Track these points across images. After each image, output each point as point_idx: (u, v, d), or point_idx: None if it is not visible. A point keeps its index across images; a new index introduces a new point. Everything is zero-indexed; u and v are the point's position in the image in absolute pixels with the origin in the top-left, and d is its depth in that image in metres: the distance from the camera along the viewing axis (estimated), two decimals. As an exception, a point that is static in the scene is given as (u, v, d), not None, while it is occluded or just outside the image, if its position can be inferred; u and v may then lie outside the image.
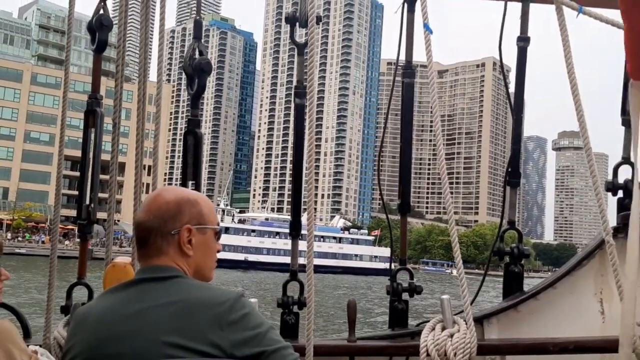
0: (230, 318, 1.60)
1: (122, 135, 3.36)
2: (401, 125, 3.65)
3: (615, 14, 2.95)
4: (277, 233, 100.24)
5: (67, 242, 73.72)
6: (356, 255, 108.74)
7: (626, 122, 3.50)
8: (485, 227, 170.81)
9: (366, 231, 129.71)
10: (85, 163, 3.45)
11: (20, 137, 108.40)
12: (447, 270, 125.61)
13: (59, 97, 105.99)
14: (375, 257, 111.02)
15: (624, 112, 3.55)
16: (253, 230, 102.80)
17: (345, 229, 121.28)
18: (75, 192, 3.59)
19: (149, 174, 3.53)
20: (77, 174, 3.50)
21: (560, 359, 3.22)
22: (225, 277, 59.67)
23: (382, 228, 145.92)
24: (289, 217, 3.64)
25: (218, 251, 1.87)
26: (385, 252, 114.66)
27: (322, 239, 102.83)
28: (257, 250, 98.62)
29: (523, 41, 3.56)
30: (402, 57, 3.58)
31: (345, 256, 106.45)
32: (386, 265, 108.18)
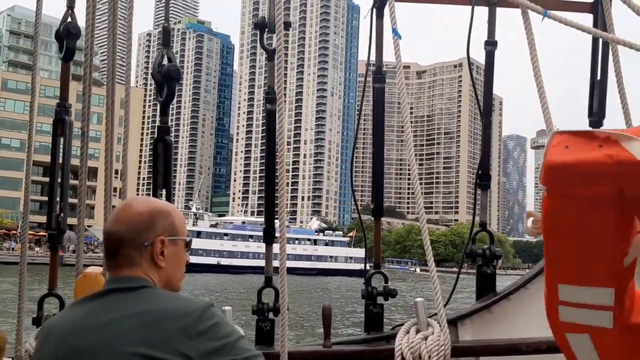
0: (198, 328, 1.59)
1: (94, 140, 3.33)
2: (373, 129, 3.66)
3: (578, 17, 3.00)
4: (251, 236, 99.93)
5: (37, 249, 72.70)
6: (331, 257, 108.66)
7: (593, 124, 3.55)
8: (464, 225, 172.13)
9: (341, 233, 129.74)
10: (55, 172, 3.41)
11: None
12: (410, 268, 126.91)
13: (29, 102, 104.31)
14: (351, 258, 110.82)
15: (591, 113, 3.61)
16: (225, 234, 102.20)
17: (320, 230, 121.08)
18: (47, 199, 3.54)
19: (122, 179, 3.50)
20: (45, 179, 3.46)
21: (534, 359, 3.25)
22: (193, 280, 58.95)
23: (357, 229, 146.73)
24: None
25: (187, 262, 1.85)
26: (361, 253, 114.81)
27: (296, 242, 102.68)
28: (231, 254, 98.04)
29: (490, 45, 3.60)
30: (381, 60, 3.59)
31: (320, 258, 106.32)
32: (362, 266, 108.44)
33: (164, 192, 3.20)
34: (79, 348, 1.61)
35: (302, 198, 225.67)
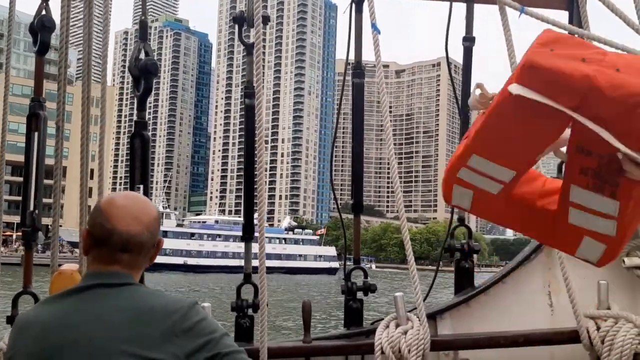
0: (184, 326, 1.59)
1: (64, 139, 3.27)
2: (352, 125, 3.66)
3: (555, 14, 3.03)
4: (218, 235, 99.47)
5: (2, 249, 71.54)
6: (300, 255, 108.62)
7: None
8: (439, 224, 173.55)
9: (311, 231, 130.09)
10: (29, 168, 3.34)
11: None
12: (366, 265, 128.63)
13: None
14: (320, 256, 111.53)
15: None
16: (192, 234, 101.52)
17: (290, 229, 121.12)
18: (16, 198, 3.48)
19: (91, 178, 3.45)
20: (18, 179, 3.40)
21: (511, 352, 3.29)
22: (159, 279, 58.36)
23: (326, 227, 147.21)
24: (239, 219, 3.62)
25: None
26: (330, 251, 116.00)
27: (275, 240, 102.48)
28: (198, 254, 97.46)
29: (468, 41, 3.62)
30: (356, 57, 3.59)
31: (289, 257, 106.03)
32: (331, 265, 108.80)
33: (141, 187, 3.17)
34: (62, 343, 1.57)
35: (280, 197, 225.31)
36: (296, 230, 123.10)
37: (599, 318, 3.11)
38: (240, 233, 3.63)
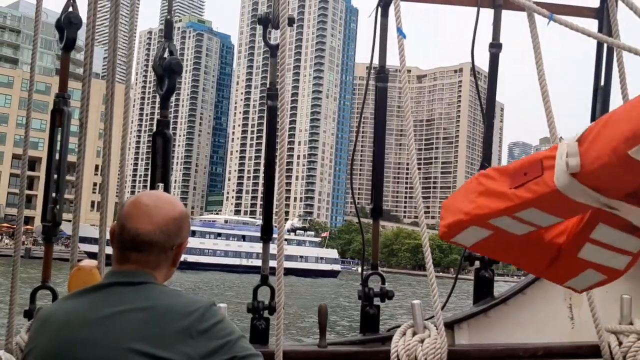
0: (200, 327, 1.58)
1: (74, 135, 3.29)
2: (374, 129, 3.64)
3: (584, 22, 2.99)
4: (219, 234, 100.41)
5: (7, 241, 72.18)
6: (301, 257, 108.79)
7: None
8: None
9: (313, 233, 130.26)
10: (52, 163, 3.36)
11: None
12: (353, 268, 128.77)
13: (10, 96, 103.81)
14: (322, 258, 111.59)
15: (594, 118, 3.60)
16: (194, 232, 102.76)
17: (292, 230, 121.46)
18: (29, 192, 3.50)
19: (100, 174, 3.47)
20: (30, 173, 3.41)
21: None
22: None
23: (330, 230, 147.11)
24: (248, 219, 3.60)
25: None
26: (332, 253, 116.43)
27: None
28: (200, 252, 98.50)
29: (495, 47, 3.59)
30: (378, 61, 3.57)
31: (289, 257, 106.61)
32: (332, 267, 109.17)
33: (161, 185, 3.17)
34: (74, 340, 1.57)
35: (295, 199, 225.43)
36: (298, 232, 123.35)
37: (621, 333, 3.05)
38: (242, 232, 3.61)
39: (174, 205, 1.76)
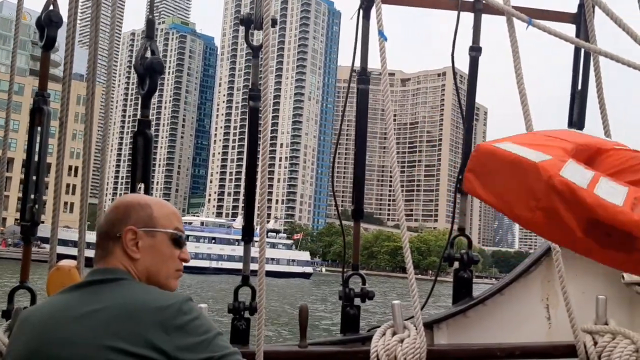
0: (176, 322, 1.56)
1: (51, 136, 3.27)
2: (356, 130, 3.66)
3: (562, 27, 3.04)
4: (187, 236, 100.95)
5: None
6: (273, 259, 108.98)
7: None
8: (430, 233, 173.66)
9: (285, 235, 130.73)
10: (31, 163, 3.33)
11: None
12: (317, 269, 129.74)
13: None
14: (293, 261, 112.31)
15: (571, 122, 3.66)
16: None
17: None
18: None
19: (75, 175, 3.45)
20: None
21: None
22: None
23: (303, 232, 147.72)
24: (224, 221, 3.60)
25: (183, 259, 1.81)
26: (304, 255, 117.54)
27: (236, 242, 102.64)
28: None
29: (475, 51, 3.63)
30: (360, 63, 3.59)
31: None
32: (304, 269, 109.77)
33: (142, 185, 3.16)
34: (52, 341, 1.57)
35: (276, 201, 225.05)
36: (270, 234, 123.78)
37: (597, 333, 3.10)
38: (213, 235, 3.62)
39: (125, 198, 1.83)
